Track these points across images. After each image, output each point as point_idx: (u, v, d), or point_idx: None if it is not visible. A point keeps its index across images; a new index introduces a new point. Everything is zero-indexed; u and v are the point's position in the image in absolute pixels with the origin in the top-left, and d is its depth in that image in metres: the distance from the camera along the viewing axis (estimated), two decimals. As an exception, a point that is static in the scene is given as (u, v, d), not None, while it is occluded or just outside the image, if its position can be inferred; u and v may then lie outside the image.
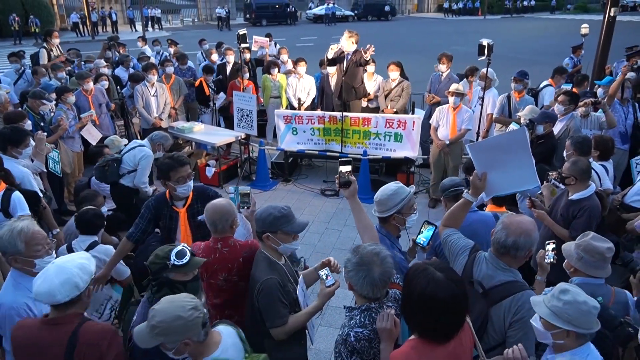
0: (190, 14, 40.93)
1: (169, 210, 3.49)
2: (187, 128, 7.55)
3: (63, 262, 2.24)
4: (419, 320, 1.93)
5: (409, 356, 1.92)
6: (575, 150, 4.23)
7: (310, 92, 8.18)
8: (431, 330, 1.90)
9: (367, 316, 2.16)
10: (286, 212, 2.66)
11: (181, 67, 8.91)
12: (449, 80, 7.30)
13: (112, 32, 28.33)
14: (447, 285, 1.87)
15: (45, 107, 6.03)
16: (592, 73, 8.39)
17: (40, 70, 7.55)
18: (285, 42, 18.96)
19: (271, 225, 2.63)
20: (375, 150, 7.17)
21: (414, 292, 1.91)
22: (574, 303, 2.01)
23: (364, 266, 2.11)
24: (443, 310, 1.86)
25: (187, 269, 2.37)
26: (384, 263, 2.13)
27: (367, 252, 2.14)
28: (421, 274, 1.93)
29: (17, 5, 25.77)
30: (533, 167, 2.61)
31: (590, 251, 2.66)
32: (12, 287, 2.52)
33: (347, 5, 42.27)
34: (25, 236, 2.47)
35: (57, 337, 2.17)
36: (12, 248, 2.46)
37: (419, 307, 1.90)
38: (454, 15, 44.09)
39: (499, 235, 2.36)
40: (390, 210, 2.82)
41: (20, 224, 2.49)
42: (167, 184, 3.40)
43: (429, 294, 1.86)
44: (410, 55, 18.10)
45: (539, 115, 5.23)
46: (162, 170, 3.38)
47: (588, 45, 10.23)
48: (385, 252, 2.18)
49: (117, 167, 4.59)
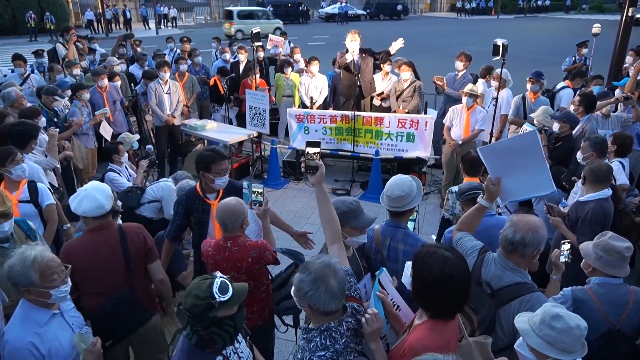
0: (203, 12, 41.13)
1: (201, 203, 3.53)
2: (199, 126, 7.59)
3: (94, 185, 2.97)
4: (435, 300, 1.98)
5: (431, 338, 1.96)
6: (595, 151, 4.17)
7: (322, 91, 8.17)
8: (445, 308, 1.98)
9: (328, 337, 2.05)
10: (354, 207, 2.65)
11: (194, 66, 8.94)
12: (463, 80, 7.24)
13: (126, 30, 28.58)
14: (461, 263, 1.99)
15: (59, 104, 6.10)
16: (608, 74, 8.29)
17: (56, 67, 7.63)
18: (298, 40, 18.97)
19: (339, 219, 2.56)
20: (387, 150, 7.15)
21: (430, 273, 1.96)
22: (568, 330, 1.90)
23: (319, 281, 2.00)
24: (459, 286, 1.96)
25: (234, 302, 2.13)
26: (338, 272, 2.05)
27: (318, 267, 2.03)
28: (434, 256, 2.00)
29: (33, 3, 26.10)
30: (548, 172, 2.59)
31: (609, 250, 2.63)
32: (21, 321, 2.31)
33: (359, 4, 42.19)
34: (40, 266, 2.23)
35: (107, 236, 2.92)
36: (25, 280, 2.22)
37: (436, 287, 1.95)
38: (467, 14, 43.78)
39: (507, 232, 2.39)
40: (412, 203, 2.92)
41: (32, 252, 2.25)
42: (206, 175, 3.44)
43: (447, 273, 1.93)
44: (423, 55, 18.00)
45: (561, 114, 5.19)
46: (203, 162, 3.41)
47: (601, 45, 10.08)
48: (334, 261, 2.10)
49: (139, 195, 4.70)
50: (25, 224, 3.35)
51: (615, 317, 2.59)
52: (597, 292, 2.64)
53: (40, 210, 3.86)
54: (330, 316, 2.07)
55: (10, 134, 4.27)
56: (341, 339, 2.07)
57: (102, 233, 2.92)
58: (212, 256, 2.91)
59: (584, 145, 4.32)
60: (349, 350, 2.09)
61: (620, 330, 2.58)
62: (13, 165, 3.71)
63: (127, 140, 5.68)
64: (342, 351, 2.06)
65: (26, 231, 3.29)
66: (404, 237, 2.94)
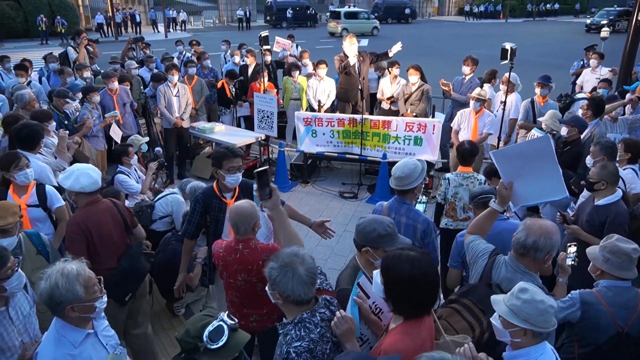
0: (211, 16, 41.39)
1: (218, 202, 3.58)
2: (207, 128, 7.64)
3: (84, 165, 3.41)
4: (408, 301, 2.00)
5: (404, 341, 1.97)
6: (606, 155, 4.16)
7: (330, 94, 8.20)
8: (418, 308, 2.01)
9: (302, 328, 2.14)
10: (390, 231, 2.55)
11: (203, 69, 9.01)
12: (470, 84, 7.23)
13: (136, 33, 28.83)
14: (428, 261, 2.03)
15: (70, 106, 6.16)
16: (617, 78, 8.25)
17: (67, 70, 7.72)
18: (305, 44, 19.03)
19: (373, 241, 2.53)
20: (395, 154, 7.15)
21: (401, 276, 1.98)
22: (531, 302, 2.01)
23: (287, 267, 2.11)
24: (429, 285, 2.00)
25: (226, 353, 1.92)
26: (306, 260, 2.14)
27: (286, 255, 2.16)
28: (400, 258, 2.03)
29: (44, 7, 26.40)
30: (560, 176, 2.59)
31: (617, 252, 2.62)
32: (55, 342, 2.19)
33: (367, 8, 42.22)
34: (84, 278, 2.15)
35: (104, 205, 3.44)
36: (72, 295, 2.10)
37: (408, 288, 1.97)
38: (475, 18, 43.69)
39: (520, 235, 2.39)
40: (414, 182, 3.23)
41: (72, 266, 2.15)
42: (218, 172, 3.50)
43: (417, 274, 1.97)
44: (431, 58, 18.00)
45: (569, 118, 5.17)
46: (216, 158, 3.50)
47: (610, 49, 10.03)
48: (303, 251, 2.20)
49: (150, 213, 4.78)
50: (38, 238, 3.25)
51: (623, 320, 2.58)
52: (605, 295, 2.63)
53: (49, 213, 3.86)
54: (302, 306, 2.16)
55: (18, 137, 4.29)
56: (315, 328, 2.15)
57: (98, 204, 3.42)
58: (223, 257, 2.92)
59: (594, 150, 4.29)
60: (325, 340, 2.17)
61: (629, 333, 2.57)
62: (17, 172, 3.66)
63: (136, 142, 5.74)
64: (318, 340, 2.14)
65: (38, 246, 3.22)
66: (407, 211, 3.28)
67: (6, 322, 2.53)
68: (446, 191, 4.46)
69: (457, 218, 4.41)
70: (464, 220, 4.33)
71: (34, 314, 2.73)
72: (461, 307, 2.42)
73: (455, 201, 4.41)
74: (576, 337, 2.69)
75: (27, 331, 2.63)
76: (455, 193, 4.41)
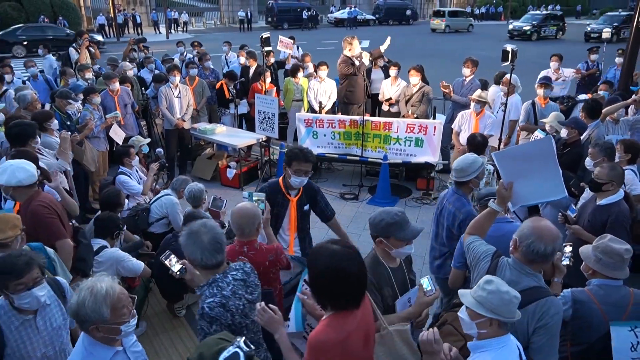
0: (212, 17, 41.44)
1: (282, 198, 3.65)
2: (209, 130, 7.65)
3: (17, 160, 3.40)
4: (330, 294, 2.07)
5: (327, 333, 2.04)
6: (606, 156, 4.19)
7: (331, 95, 8.20)
8: (343, 300, 2.06)
9: (215, 287, 2.37)
10: (398, 219, 2.61)
11: (204, 70, 9.02)
12: (470, 86, 7.24)
13: (137, 35, 28.89)
14: (350, 255, 2.07)
15: (72, 107, 6.18)
16: (619, 79, 8.22)
17: (69, 71, 7.74)
18: (307, 45, 19.06)
19: (383, 230, 2.62)
20: (396, 155, 7.17)
21: (321, 269, 2.06)
22: (497, 292, 2.08)
23: (193, 234, 2.36)
24: (350, 278, 2.03)
25: None
26: (212, 231, 2.38)
27: (196, 225, 2.41)
28: (321, 250, 2.11)
29: (47, 7, 26.47)
30: (560, 177, 2.61)
31: (609, 253, 2.65)
32: (82, 358, 2.15)
33: (368, 9, 42.27)
34: (112, 300, 2.05)
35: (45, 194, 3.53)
36: (97, 316, 2.02)
37: (329, 281, 2.04)
38: (477, 19, 43.69)
39: (537, 246, 2.33)
40: (469, 176, 3.45)
41: (103, 286, 2.06)
42: (286, 170, 3.58)
43: (336, 266, 2.02)
44: (431, 60, 18.00)
45: (569, 119, 5.18)
46: (288, 156, 3.57)
47: (612, 50, 10.03)
48: (212, 224, 2.45)
49: (146, 216, 4.81)
50: (43, 251, 3.04)
51: (615, 319, 2.59)
52: (597, 294, 2.66)
53: None
54: (212, 270, 2.40)
55: (9, 135, 4.38)
56: (227, 287, 2.37)
57: (41, 193, 3.50)
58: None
59: (593, 152, 4.31)
60: (237, 297, 2.37)
61: None
62: None
63: (137, 143, 5.75)
64: (230, 296, 2.34)
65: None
66: (455, 200, 3.51)
67: (31, 332, 2.45)
68: None
69: None
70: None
71: (65, 327, 2.64)
72: None
73: None
74: (569, 336, 2.70)
75: (53, 344, 2.54)
76: None
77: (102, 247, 3.86)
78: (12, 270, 2.29)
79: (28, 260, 2.35)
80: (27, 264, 2.33)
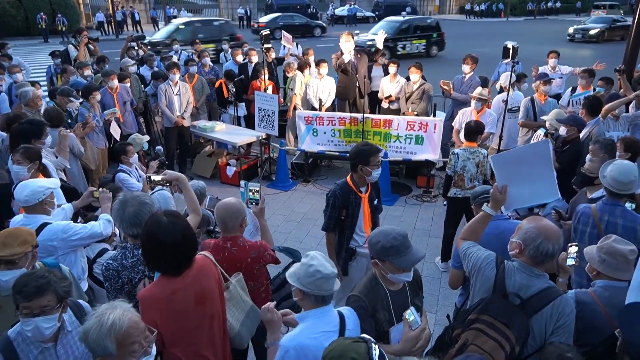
0: (212, 14, 41.31)
1: (354, 197, 3.71)
2: (208, 127, 7.63)
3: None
4: (152, 258, 2.32)
5: (151, 290, 2.33)
6: (606, 153, 4.16)
7: (331, 93, 8.17)
8: (163, 266, 2.32)
9: (122, 252, 2.61)
10: (397, 243, 2.34)
11: (204, 68, 8.99)
12: (470, 83, 7.23)
13: (136, 32, 28.81)
14: (168, 225, 2.27)
15: (73, 105, 6.16)
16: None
17: (70, 69, 7.72)
18: (306, 42, 19.00)
19: (378, 253, 2.40)
20: (396, 153, 7.16)
21: (143, 236, 2.33)
22: (304, 265, 2.22)
23: (123, 204, 2.64)
24: (163, 246, 2.25)
25: None
26: (139, 206, 2.62)
27: (131, 196, 2.68)
28: (151, 219, 2.36)
29: (45, 5, 26.38)
30: (554, 180, 2.61)
31: (613, 253, 2.61)
32: None
33: (368, 6, 42.17)
34: (117, 334, 1.83)
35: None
36: (101, 350, 1.84)
37: (149, 248, 2.30)
38: (476, 16, 43.59)
39: (546, 247, 2.28)
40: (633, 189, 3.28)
41: (111, 317, 1.85)
42: (364, 169, 3.62)
43: (152, 235, 2.26)
44: (431, 57, 17.95)
45: (568, 117, 5.17)
46: (363, 156, 3.60)
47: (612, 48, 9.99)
48: (146, 200, 2.69)
49: None
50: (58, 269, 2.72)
51: None
52: (601, 295, 2.61)
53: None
54: (132, 238, 2.64)
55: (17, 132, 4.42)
56: (131, 258, 2.59)
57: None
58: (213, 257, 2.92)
59: (594, 149, 4.28)
60: (136, 271, 2.58)
61: None
62: None
63: (137, 141, 5.71)
64: (129, 267, 2.57)
65: None
66: (623, 213, 3.30)
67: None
68: (455, 165, 5.00)
69: (464, 187, 4.97)
70: (470, 189, 4.74)
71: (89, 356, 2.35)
72: (484, 325, 2.29)
73: (463, 173, 4.97)
74: (572, 337, 2.68)
75: None
76: (463, 166, 4.96)
77: (103, 249, 3.58)
78: (21, 291, 2.09)
79: (42, 284, 2.10)
80: (37, 288, 2.08)
